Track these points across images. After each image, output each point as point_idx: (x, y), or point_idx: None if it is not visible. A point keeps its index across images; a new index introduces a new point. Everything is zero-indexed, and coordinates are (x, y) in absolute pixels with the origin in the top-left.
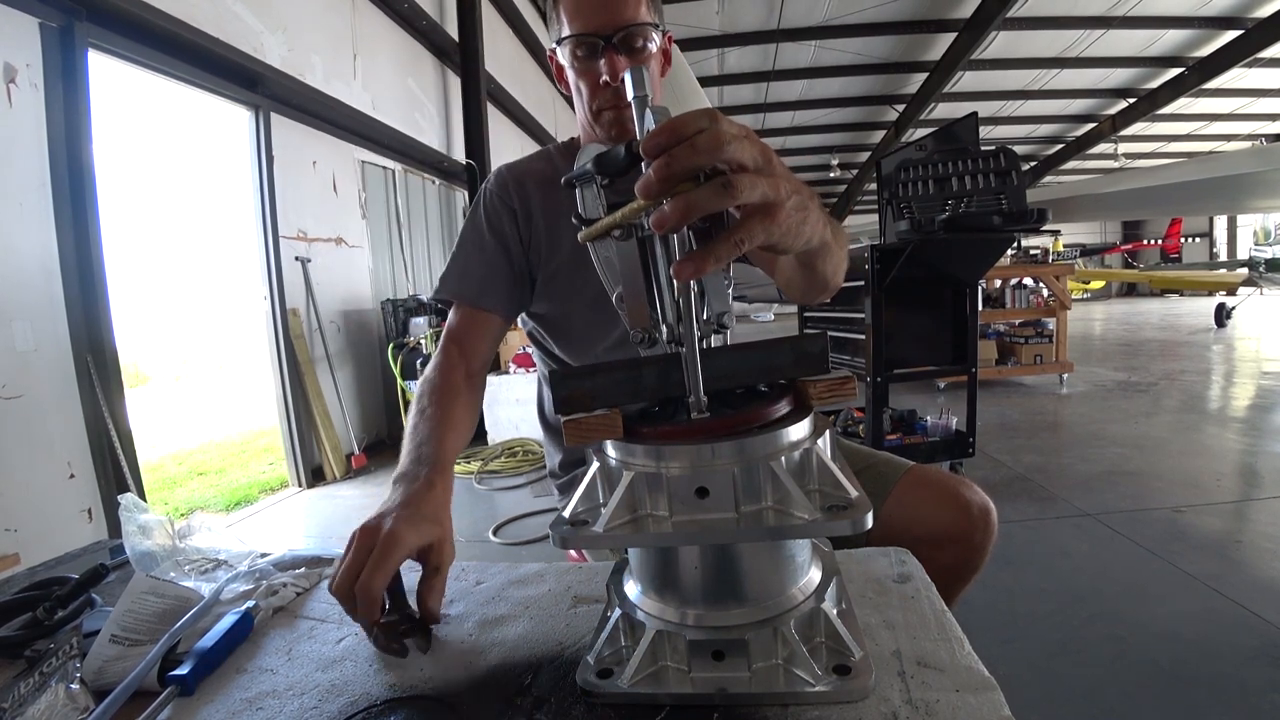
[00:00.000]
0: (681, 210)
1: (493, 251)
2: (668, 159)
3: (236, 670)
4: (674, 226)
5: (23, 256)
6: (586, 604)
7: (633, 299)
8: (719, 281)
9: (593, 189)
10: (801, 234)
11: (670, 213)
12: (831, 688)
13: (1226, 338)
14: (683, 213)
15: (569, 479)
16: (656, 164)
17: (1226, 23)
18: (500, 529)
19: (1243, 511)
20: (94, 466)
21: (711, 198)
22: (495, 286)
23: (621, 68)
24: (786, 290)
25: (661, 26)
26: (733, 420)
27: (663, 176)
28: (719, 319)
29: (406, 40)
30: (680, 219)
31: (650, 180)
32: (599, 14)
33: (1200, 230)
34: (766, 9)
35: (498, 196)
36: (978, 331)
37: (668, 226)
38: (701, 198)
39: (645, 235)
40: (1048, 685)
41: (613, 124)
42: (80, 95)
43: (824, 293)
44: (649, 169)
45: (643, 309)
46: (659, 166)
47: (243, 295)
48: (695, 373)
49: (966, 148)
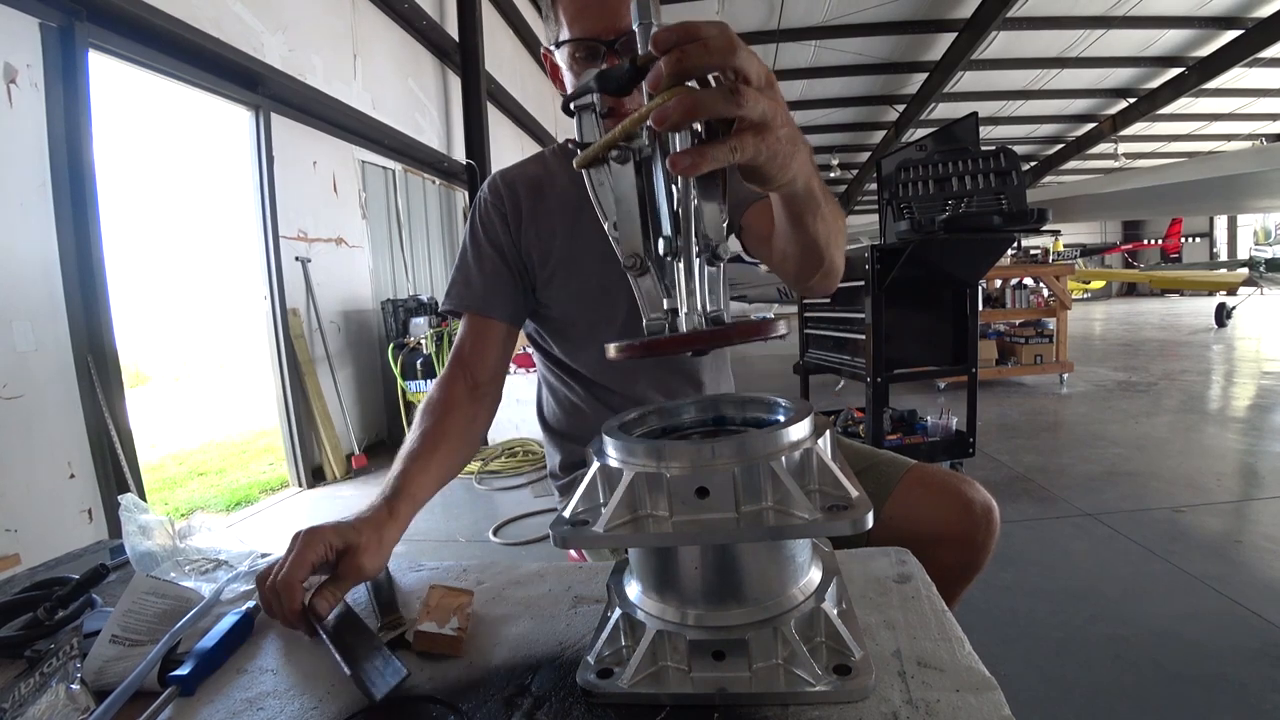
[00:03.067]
0: (687, 106)
1: (491, 259)
2: (680, 54)
3: (237, 670)
4: (675, 123)
5: (23, 257)
6: (587, 604)
7: (627, 223)
8: (716, 214)
9: (591, 116)
10: (789, 168)
11: (675, 106)
12: (832, 688)
13: (1227, 337)
14: (688, 109)
15: (569, 480)
16: (669, 58)
17: (1226, 23)
18: (500, 529)
19: (1243, 511)
20: (94, 467)
21: (718, 100)
22: (497, 293)
23: None
24: (782, 269)
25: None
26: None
27: (674, 70)
28: (713, 249)
29: (406, 40)
30: (683, 115)
31: (660, 72)
32: (600, 19)
33: (1200, 230)
34: (766, 9)
35: (490, 204)
36: (978, 331)
37: (669, 122)
38: (707, 98)
39: (643, 157)
40: (1048, 685)
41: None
42: (80, 95)
43: (821, 270)
44: (661, 63)
45: (636, 234)
46: (671, 60)
47: (243, 295)
48: (692, 283)
49: (966, 148)
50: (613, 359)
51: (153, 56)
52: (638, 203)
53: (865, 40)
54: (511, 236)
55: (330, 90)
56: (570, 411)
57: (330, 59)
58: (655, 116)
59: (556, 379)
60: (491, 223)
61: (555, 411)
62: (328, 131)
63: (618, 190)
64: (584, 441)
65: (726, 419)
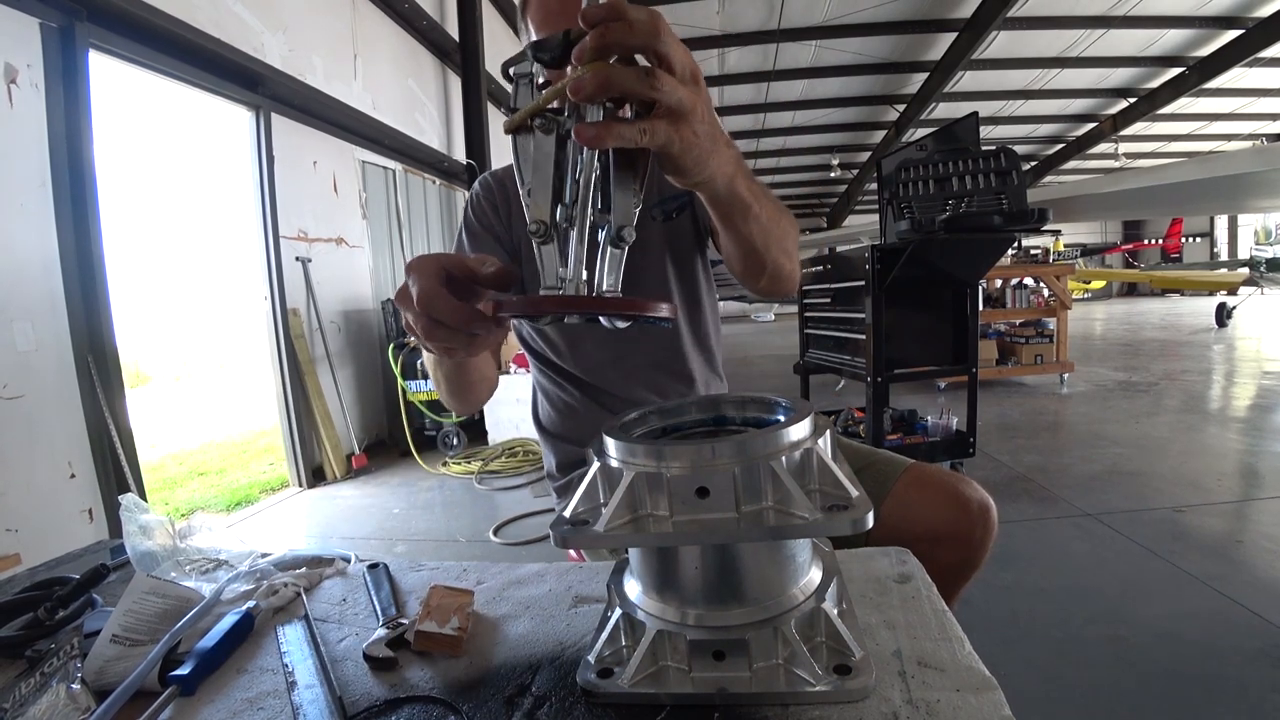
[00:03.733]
0: (601, 80)
1: (486, 241)
2: (605, 29)
3: (237, 670)
4: (589, 95)
5: (24, 256)
6: (587, 604)
7: (539, 190)
8: (627, 197)
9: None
10: (705, 164)
11: (590, 79)
12: (832, 688)
13: (1227, 337)
14: (601, 82)
15: (566, 481)
16: (593, 32)
17: (1226, 22)
18: (500, 529)
19: (1243, 511)
20: (95, 466)
21: (630, 78)
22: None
23: None
24: (731, 270)
25: None
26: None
27: (595, 44)
28: (619, 231)
29: (407, 40)
30: (597, 88)
31: (585, 45)
32: (563, 23)
33: (1201, 230)
34: (766, 9)
35: (483, 196)
36: (978, 331)
37: (583, 93)
38: (620, 75)
39: (565, 132)
40: (1048, 685)
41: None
42: (81, 95)
43: (765, 273)
44: (586, 38)
45: (546, 203)
46: (595, 34)
47: (243, 295)
48: (581, 252)
49: (967, 148)
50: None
51: (153, 56)
52: (553, 172)
53: (865, 40)
54: (504, 225)
55: (330, 90)
56: (564, 413)
57: (330, 59)
58: (571, 87)
59: (550, 381)
60: (485, 213)
61: (549, 413)
62: (328, 131)
63: (536, 158)
64: (579, 443)
65: (726, 419)
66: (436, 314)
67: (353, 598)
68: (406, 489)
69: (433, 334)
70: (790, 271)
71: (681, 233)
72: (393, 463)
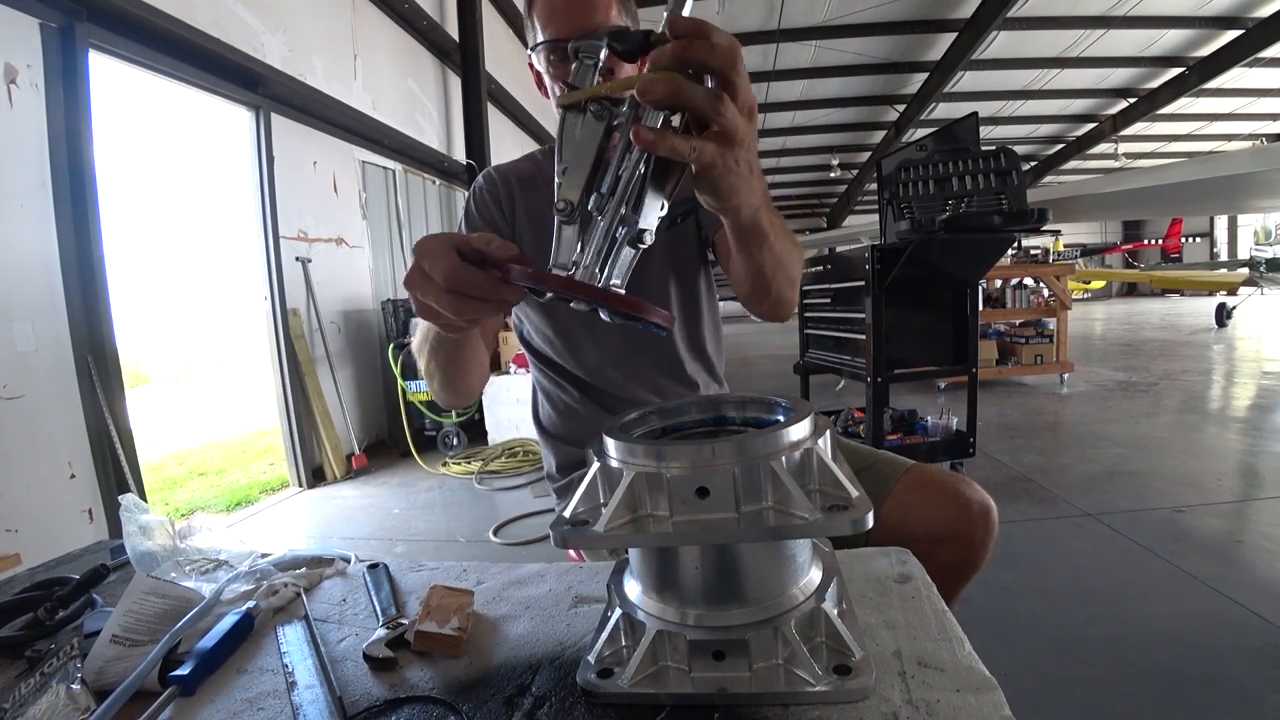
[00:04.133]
0: (673, 89)
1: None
2: (688, 44)
3: (237, 670)
4: (656, 99)
5: (23, 257)
6: (587, 604)
7: (575, 172)
8: (655, 204)
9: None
10: (739, 192)
11: (661, 85)
12: (832, 688)
13: (1227, 338)
14: (673, 92)
15: (566, 482)
16: (677, 42)
17: (1226, 23)
18: (500, 529)
19: (1243, 511)
20: (95, 467)
21: (699, 96)
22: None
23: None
24: (736, 290)
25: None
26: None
27: (677, 54)
28: (640, 234)
29: (407, 40)
30: (666, 95)
31: (665, 52)
32: (570, 20)
33: (1201, 230)
34: (766, 9)
35: (485, 190)
36: (978, 331)
37: (651, 95)
38: (691, 91)
39: (616, 124)
40: (1048, 685)
41: None
42: (81, 95)
43: (769, 299)
44: (669, 45)
45: (579, 185)
46: (678, 45)
47: (243, 295)
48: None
49: (967, 148)
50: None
51: (153, 57)
52: (593, 158)
53: (865, 40)
54: (506, 219)
55: (330, 90)
56: (564, 413)
57: (330, 59)
58: (641, 86)
59: (550, 381)
60: (486, 205)
61: (549, 414)
62: (328, 132)
63: (580, 140)
64: (579, 443)
65: (726, 419)
66: (464, 288)
67: (353, 598)
68: (406, 489)
69: (463, 309)
70: (791, 299)
71: (684, 239)
72: (393, 463)
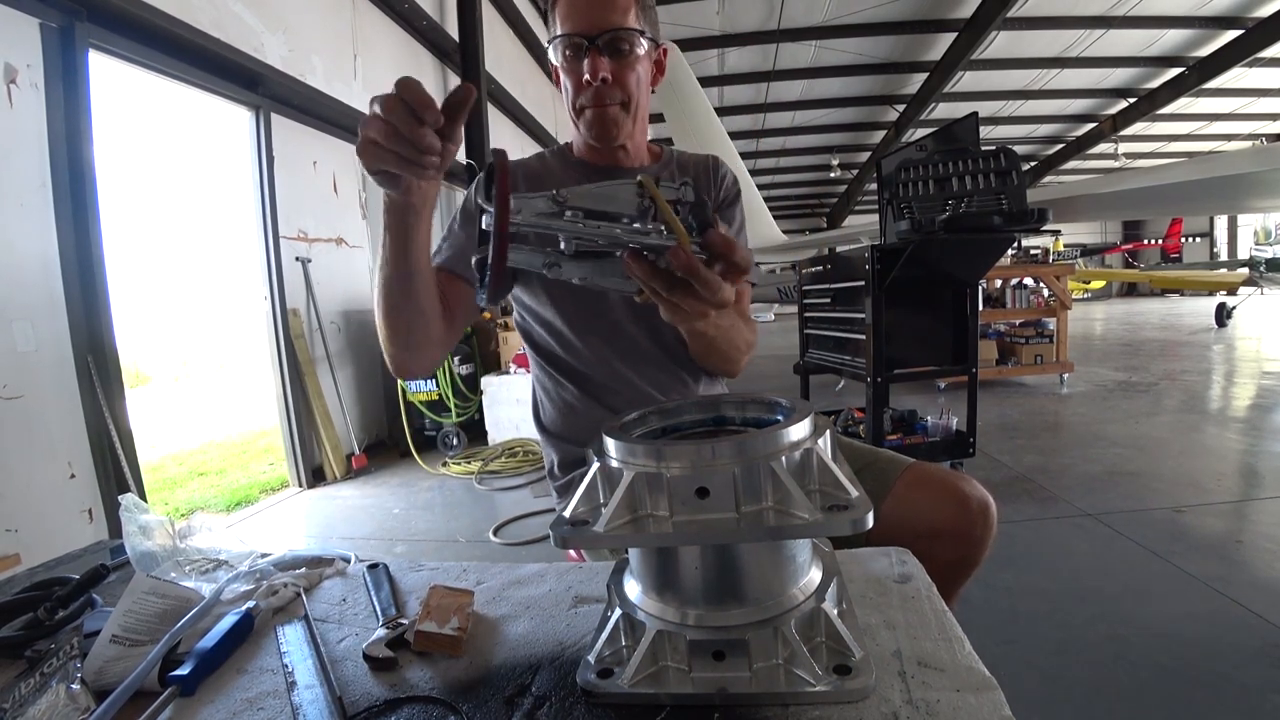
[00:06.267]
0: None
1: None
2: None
3: (237, 670)
4: (683, 267)
5: (23, 257)
6: (587, 604)
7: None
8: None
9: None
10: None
11: (694, 265)
12: (832, 688)
13: (1227, 337)
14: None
15: (566, 480)
16: (722, 241)
17: (1226, 23)
18: (500, 529)
19: (1243, 511)
20: (94, 467)
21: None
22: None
23: (603, 69)
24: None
25: (652, 36)
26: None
27: (722, 254)
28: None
29: (407, 40)
30: (684, 269)
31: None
32: (587, 16)
33: (1201, 230)
34: (766, 9)
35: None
36: (978, 331)
37: (681, 265)
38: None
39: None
40: (1048, 685)
41: (593, 122)
42: (81, 95)
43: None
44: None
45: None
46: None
47: (243, 295)
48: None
49: (967, 148)
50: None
51: (153, 56)
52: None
53: (865, 40)
54: None
55: (330, 90)
56: (565, 412)
57: (330, 59)
58: (678, 253)
59: (550, 379)
60: None
61: (550, 412)
62: (328, 131)
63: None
64: (580, 442)
65: (726, 419)
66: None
67: (353, 598)
68: (406, 489)
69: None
70: (730, 369)
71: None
72: (392, 463)
